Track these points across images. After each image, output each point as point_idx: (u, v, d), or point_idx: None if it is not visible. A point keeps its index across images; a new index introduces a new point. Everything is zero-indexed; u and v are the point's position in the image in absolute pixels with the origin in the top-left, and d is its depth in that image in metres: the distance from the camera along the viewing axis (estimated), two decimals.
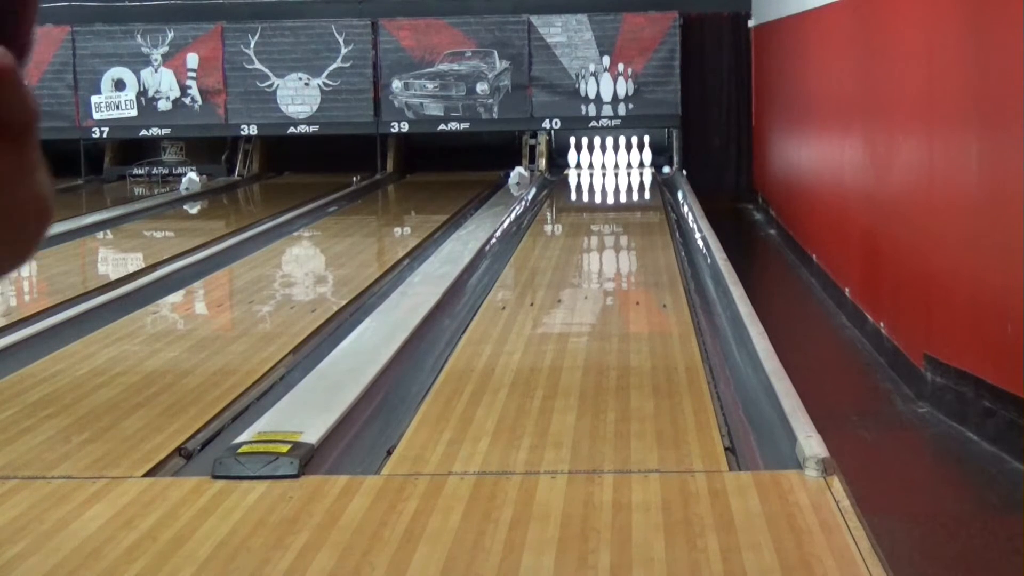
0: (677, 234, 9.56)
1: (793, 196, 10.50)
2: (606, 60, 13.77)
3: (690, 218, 10.06)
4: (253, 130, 14.07)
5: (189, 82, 14.01)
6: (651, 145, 14.07)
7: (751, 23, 13.37)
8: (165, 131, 14.13)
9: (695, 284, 7.47)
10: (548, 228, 10.72)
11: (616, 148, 14.15)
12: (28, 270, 8.54)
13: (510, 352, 5.52)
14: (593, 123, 13.87)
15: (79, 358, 5.50)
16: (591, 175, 14.02)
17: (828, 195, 8.68)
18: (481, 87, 13.84)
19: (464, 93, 13.84)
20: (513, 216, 10.50)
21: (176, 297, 7.20)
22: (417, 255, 8.66)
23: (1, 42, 0.86)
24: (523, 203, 11.39)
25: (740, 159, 13.82)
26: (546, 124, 13.88)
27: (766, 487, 3.58)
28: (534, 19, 13.78)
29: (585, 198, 13.05)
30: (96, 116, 14.06)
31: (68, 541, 3.28)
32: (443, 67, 13.83)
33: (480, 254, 8.35)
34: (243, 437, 4.02)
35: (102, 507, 3.54)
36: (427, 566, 3.11)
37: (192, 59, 13.98)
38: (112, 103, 14.05)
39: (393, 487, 3.66)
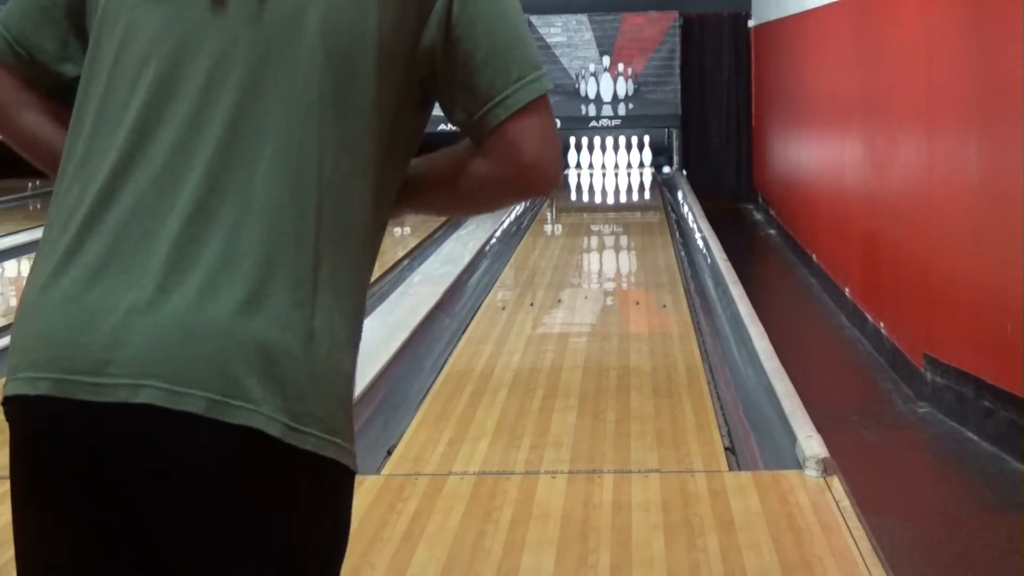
0: (677, 234, 9.56)
1: (793, 196, 10.49)
2: (606, 60, 13.76)
3: (690, 218, 10.06)
4: None
5: None
6: (651, 145, 14.07)
7: (751, 23, 13.36)
8: None
9: (695, 284, 7.46)
10: (548, 228, 10.71)
11: (616, 148, 14.15)
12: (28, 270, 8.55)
13: (510, 352, 5.52)
14: (593, 123, 13.86)
15: None
16: (591, 175, 14.01)
17: (828, 195, 8.68)
18: None
19: None
20: (513, 216, 10.50)
21: None
22: (417, 255, 8.66)
23: None
24: (523, 203, 11.39)
25: (740, 159, 13.81)
26: None
27: (766, 487, 3.58)
28: (534, 19, 13.77)
29: (585, 198, 13.04)
30: None
31: None
32: None
33: (480, 254, 8.35)
34: None
35: None
36: (427, 566, 3.10)
37: None
38: None
39: (393, 487, 3.66)
